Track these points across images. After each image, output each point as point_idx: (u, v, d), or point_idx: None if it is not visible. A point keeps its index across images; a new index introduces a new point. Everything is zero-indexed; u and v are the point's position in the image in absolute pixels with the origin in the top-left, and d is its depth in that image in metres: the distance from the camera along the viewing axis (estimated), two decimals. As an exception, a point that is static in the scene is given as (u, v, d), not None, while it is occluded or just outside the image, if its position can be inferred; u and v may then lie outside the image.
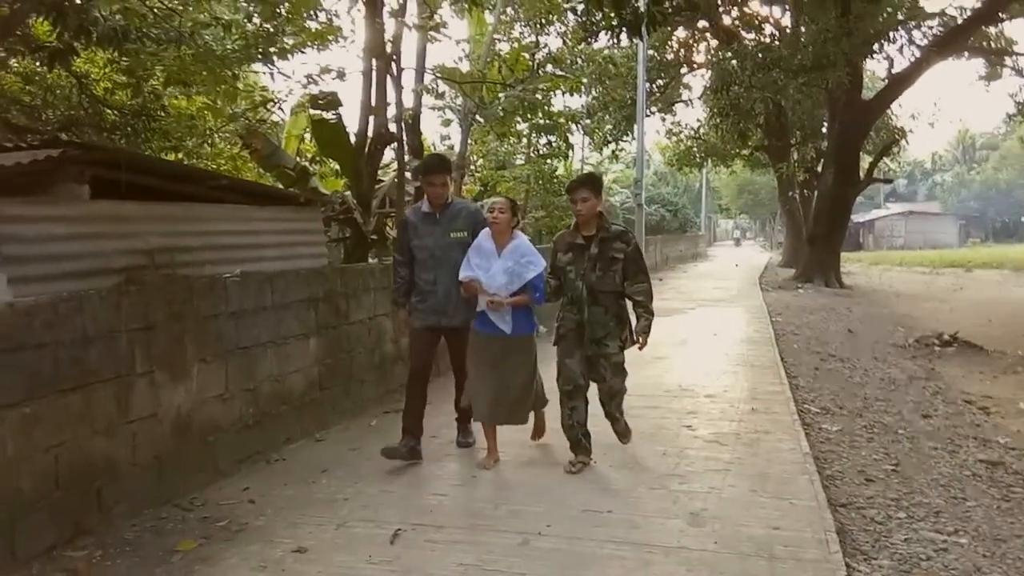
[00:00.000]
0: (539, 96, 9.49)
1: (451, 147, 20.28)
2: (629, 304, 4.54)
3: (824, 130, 23.17)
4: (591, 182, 4.54)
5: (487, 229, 4.50)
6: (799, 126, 25.29)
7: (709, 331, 10.43)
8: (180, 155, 12.58)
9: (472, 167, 16.43)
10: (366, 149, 6.97)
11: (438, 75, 10.28)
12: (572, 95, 14.12)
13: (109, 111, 15.03)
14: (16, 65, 14.10)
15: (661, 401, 6.26)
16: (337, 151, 7.47)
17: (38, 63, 12.18)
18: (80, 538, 3.45)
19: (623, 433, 4.74)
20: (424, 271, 4.72)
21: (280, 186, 7.38)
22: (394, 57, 7.22)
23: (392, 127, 7.35)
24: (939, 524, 3.81)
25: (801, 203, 27.97)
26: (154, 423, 3.92)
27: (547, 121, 10.43)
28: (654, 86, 23.80)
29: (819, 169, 22.47)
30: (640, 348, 4.47)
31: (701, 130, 27.12)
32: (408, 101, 8.73)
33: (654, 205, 41.89)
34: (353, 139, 7.10)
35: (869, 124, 19.69)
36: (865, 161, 21.19)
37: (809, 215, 22.77)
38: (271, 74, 8.12)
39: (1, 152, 4.02)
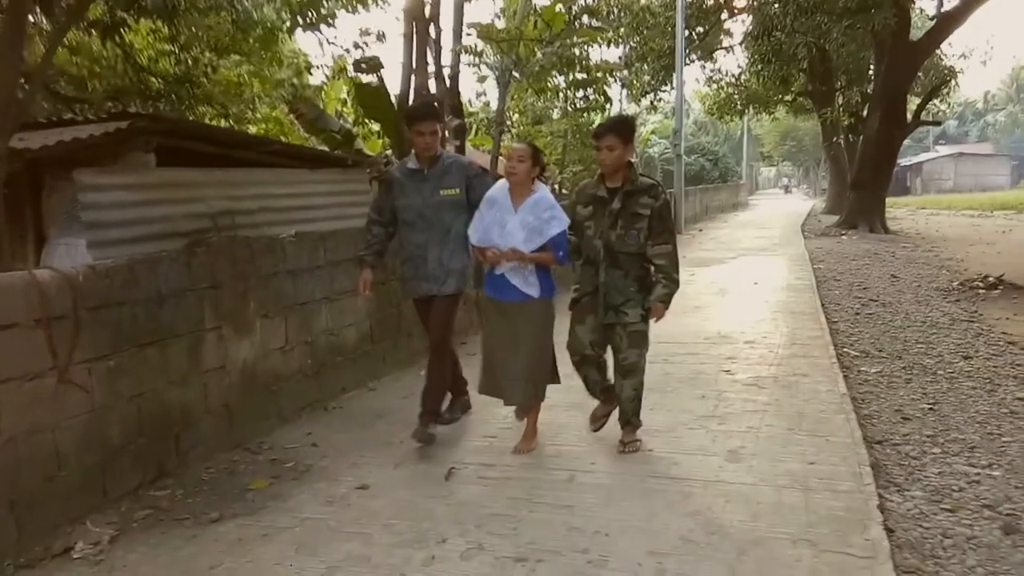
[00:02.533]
0: (576, 51, 9.45)
1: (487, 103, 20.30)
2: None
3: (870, 73, 22.53)
4: (619, 127, 3.85)
5: (503, 181, 3.98)
6: (844, 70, 24.65)
7: (749, 279, 10.47)
8: (227, 120, 12.89)
9: (509, 123, 16.43)
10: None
11: (474, 33, 10.32)
12: (609, 47, 13.98)
13: (154, 79, 15.41)
14: (64, 38, 14.46)
15: (700, 348, 6.41)
16: (380, 113, 7.63)
17: (88, 36, 12.54)
18: (162, 479, 3.78)
19: (628, 443, 4.02)
20: (413, 234, 4.25)
21: (326, 149, 7.60)
22: (433, 18, 7.29)
23: (432, 87, 7.47)
24: (973, 458, 3.92)
25: (846, 148, 27.39)
26: (223, 374, 4.22)
27: (585, 76, 10.40)
28: (693, 33, 23.33)
29: (865, 113, 21.92)
30: (656, 319, 3.91)
31: (742, 77, 26.58)
32: (446, 60, 8.82)
33: (694, 155, 41.36)
34: (395, 100, 7.24)
35: (917, 65, 19.10)
36: (913, 103, 20.59)
37: (854, 160, 22.29)
38: (321, 42, 8.25)
39: (74, 125, 4.29)
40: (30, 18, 7.30)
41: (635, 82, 23.72)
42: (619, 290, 3.88)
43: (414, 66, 7.23)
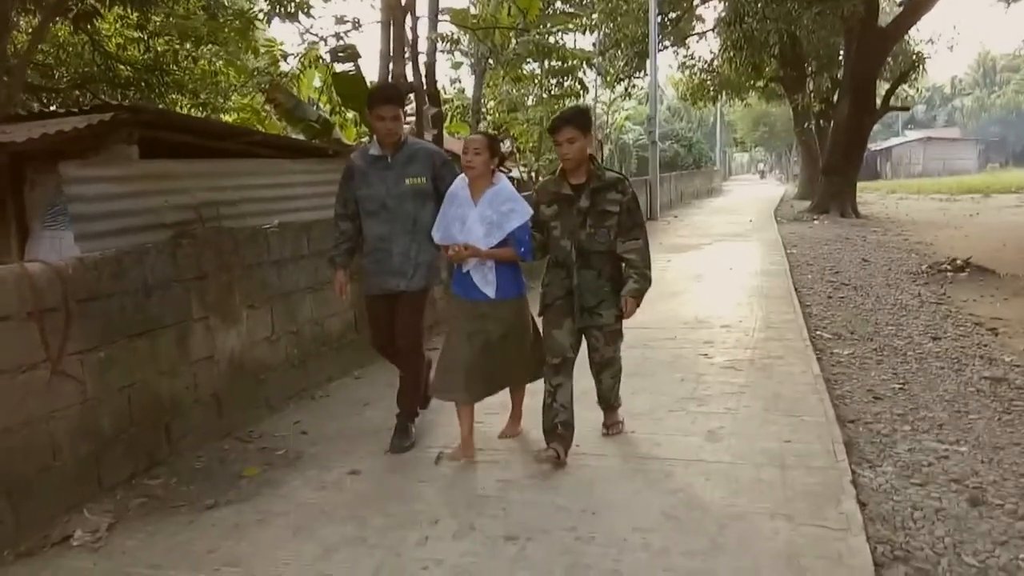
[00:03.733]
0: (551, 39, 9.51)
1: (462, 90, 20.29)
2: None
3: (840, 59, 22.83)
4: (577, 118, 3.65)
5: (463, 175, 3.77)
6: (814, 56, 24.94)
7: (725, 265, 10.65)
8: (201, 110, 12.77)
9: (484, 110, 16.45)
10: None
11: (448, 20, 10.32)
12: (584, 34, 14.05)
13: (122, 67, 15.18)
14: (25, 24, 14.25)
15: (678, 332, 6.55)
16: (357, 102, 7.63)
17: (54, 23, 12.34)
18: (154, 468, 3.83)
19: (611, 426, 4.09)
20: (376, 225, 3.97)
21: (303, 138, 7.59)
22: (409, 5, 7.31)
23: (409, 75, 7.49)
24: (942, 435, 4.09)
25: (817, 134, 27.73)
26: (211, 364, 4.26)
27: (561, 64, 10.46)
28: (666, 19, 23.44)
29: (835, 99, 22.23)
30: (627, 316, 3.74)
31: (714, 63, 26.78)
32: (423, 48, 8.83)
33: (668, 141, 41.63)
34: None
35: (886, 51, 19.42)
36: (882, 89, 20.92)
37: (825, 146, 22.61)
38: (300, 32, 8.19)
39: (55, 118, 4.28)
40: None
41: (609, 69, 23.80)
42: (593, 292, 3.72)
43: (391, 54, 7.24)
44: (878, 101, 19.55)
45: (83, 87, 14.76)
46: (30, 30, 11.46)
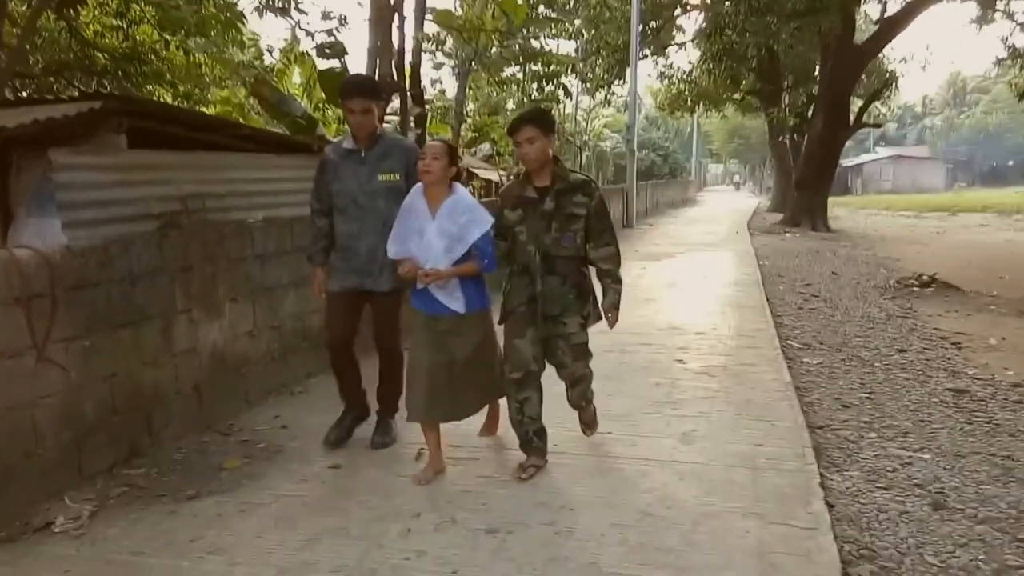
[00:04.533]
0: (535, 43, 9.63)
1: (443, 91, 20.35)
2: (592, 272, 3.71)
3: (816, 75, 23.27)
4: (537, 118, 3.51)
5: (419, 186, 3.57)
6: (791, 70, 25.40)
7: (698, 274, 10.83)
8: (183, 102, 12.67)
9: (466, 113, 16.53)
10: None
11: (434, 20, 10.38)
12: (571, 39, 14.19)
13: (99, 55, 14.98)
14: (11, 8, 14.02)
15: (653, 338, 6.67)
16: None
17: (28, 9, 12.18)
18: (135, 458, 3.84)
19: (589, 424, 4.03)
20: (345, 222, 3.87)
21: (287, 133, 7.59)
22: (398, 4, 7.36)
23: (394, 74, 7.54)
24: (906, 443, 4.24)
25: (791, 148, 28.23)
26: (193, 356, 4.28)
27: (545, 69, 10.58)
28: (647, 28, 23.71)
29: (810, 114, 22.65)
30: (611, 326, 3.63)
31: (693, 73, 27.12)
32: (409, 47, 8.88)
33: (644, 150, 42.04)
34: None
35: (860, 68, 19.84)
36: (856, 105, 21.37)
37: (799, 160, 23.01)
38: (292, 27, 8.16)
39: (43, 104, 4.27)
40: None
41: (590, 75, 24.01)
42: (556, 299, 3.56)
43: (377, 53, 7.29)
44: (852, 118, 19.97)
45: (58, 74, 14.55)
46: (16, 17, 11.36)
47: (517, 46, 9.49)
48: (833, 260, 12.89)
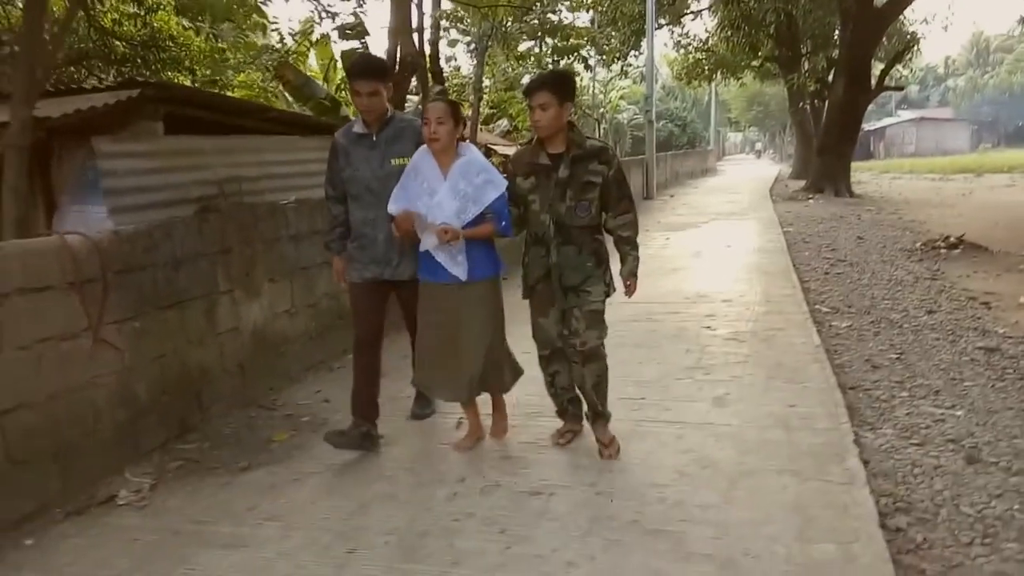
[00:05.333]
0: (553, 17, 9.61)
1: (457, 68, 20.30)
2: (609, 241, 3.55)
3: (835, 39, 22.93)
4: (554, 82, 3.33)
5: (424, 147, 3.44)
6: (810, 35, 25.01)
7: (722, 243, 10.83)
8: (215, 87, 12.79)
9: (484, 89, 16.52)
10: (399, 77, 7.24)
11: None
12: (588, 12, 14.10)
13: (118, 43, 15.15)
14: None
15: (680, 307, 6.72)
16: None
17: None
18: (187, 434, 3.99)
19: (607, 441, 3.58)
20: (360, 209, 3.71)
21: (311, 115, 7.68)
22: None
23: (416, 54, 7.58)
24: (938, 401, 4.28)
25: (812, 114, 27.92)
26: (236, 335, 4.41)
27: (564, 42, 10.55)
28: (663, -3, 23.46)
29: (830, 79, 22.35)
30: (629, 294, 3.54)
31: (710, 41, 26.81)
32: (427, 27, 8.91)
33: (662, 120, 41.68)
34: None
35: (881, 31, 19.50)
36: (877, 69, 21.05)
37: (820, 126, 22.74)
38: (318, 11, 8.20)
39: (83, 93, 4.38)
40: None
41: (606, 46, 23.84)
42: (575, 268, 3.42)
43: (399, 32, 7.33)
44: (873, 81, 19.68)
45: (78, 63, 14.72)
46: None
47: (536, 20, 9.45)
48: (858, 225, 12.80)
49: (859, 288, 7.41)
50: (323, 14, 8.31)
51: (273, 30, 10.97)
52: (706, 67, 28.44)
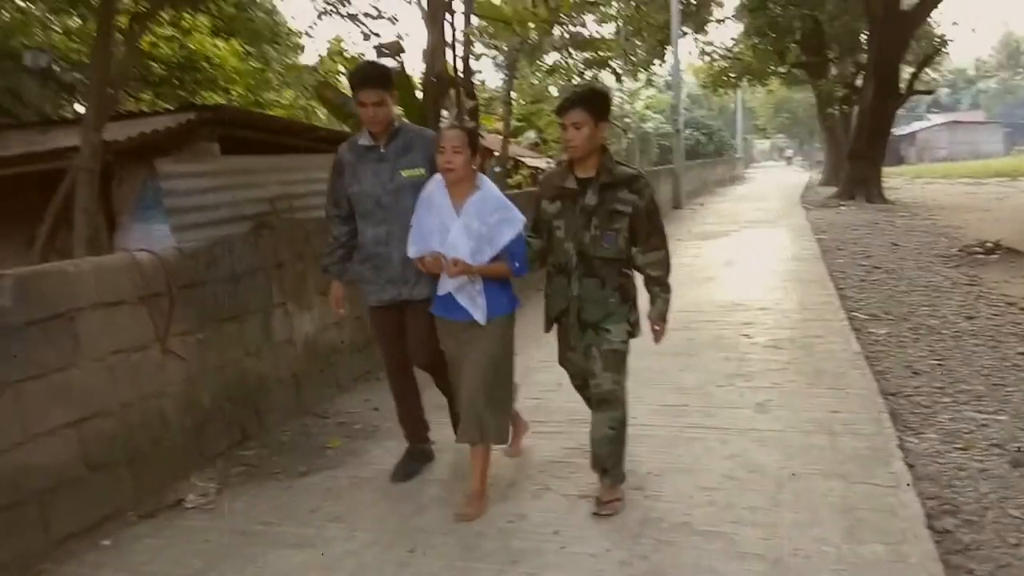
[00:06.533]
0: (584, 31, 9.75)
1: (483, 82, 20.54)
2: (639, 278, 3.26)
3: (863, 43, 22.81)
4: (589, 100, 3.08)
5: (438, 176, 3.21)
6: (837, 40, 24.88)
7: (755, 251, 10.87)
8: (258, 105, 13.15)
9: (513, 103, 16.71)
10: (434, 93, 7.41)
11: (478, 14, 10.57)
12: (614, 24, 14.24)
13: (155, 65, 15.63)
14: (54, 20, 14.68)
15: (717, 315, 6.78)
16: (402, 97, 7.92)
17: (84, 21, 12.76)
18: (247, 441, 4.16)
19: (607, 498, 3.18)
20: (371, 227, 3.47)
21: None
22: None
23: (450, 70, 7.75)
24: (981, 406, 4.30)
25: (841, 119, 27.70)
26: (290, 346, 4.58)
27: (595, 55, 10.69)
28: (688, 4, 23.50)
29: (859, 83, 22.22)
30: (657, 340, 3.25)
31: (735, 49, 26.80)
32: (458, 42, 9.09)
33: (688, 129, 41.56)
34: (419, 83, 7.54)
35: (909, 35, 19.36)
36: (906, 72, 20.90)
37: (849, 131, 22.61)
38: (366, 34, 8.40)
39: (142, 117, 4.60)
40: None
41: (632, 57, 23.95)
42: (597, 303, 3.16)
43: (434, 49, 7.50)
44: (902, 85, 19.54)
45: (118, 86, 15.22)
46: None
47: (567, 34, 9.60)
48: (892, 231, 12.73)
49: (896, 295, 7.41)
50: (365, 35, 8.54)
51: (311, 50, 11.31)
52: (732, 74, 28.43)
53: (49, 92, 11.20)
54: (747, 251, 10.94)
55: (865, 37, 21.87)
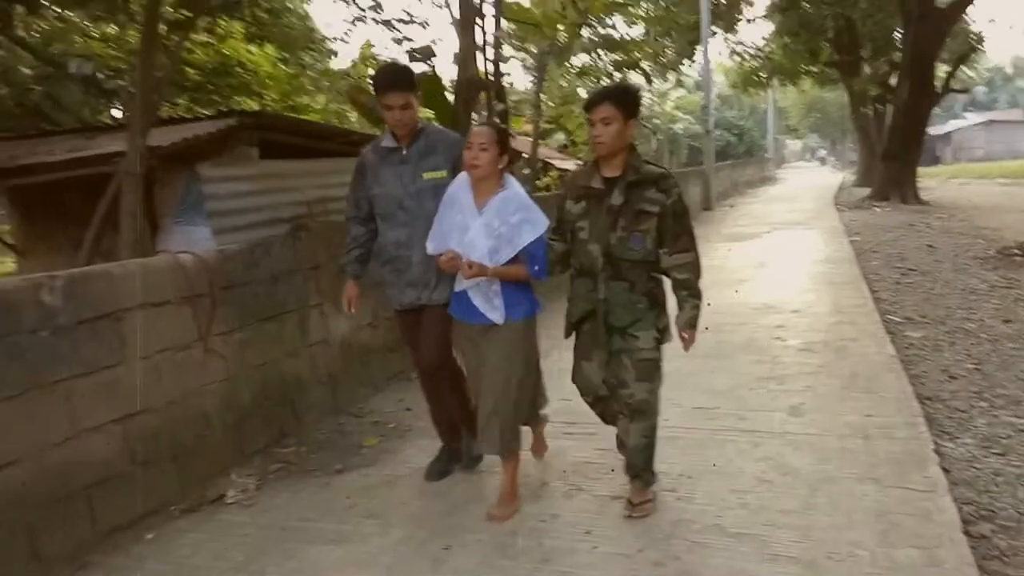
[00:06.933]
0: (615, 33, 9.77)
1: (510, 84, 20.60)
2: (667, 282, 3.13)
3: (897, 42, 22.47)
4: (619, 96, 3.02)
5: (464, 174, 3.18)
6: (870, 39, 24.55)
7: (787, 253, 10.79)
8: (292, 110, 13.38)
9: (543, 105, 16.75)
10: (465, 97, 7.49)
11: (508, 17, 10.63)
12: (637, 24, 14.23)
13: (190, 70, 15.94)
14: (91, 27, 15.02)
15: (749, 318, 6.75)
16: (434, 100, 7.99)
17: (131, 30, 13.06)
18: (284, 439, 4.25)
19: (638, 501, 3.20)
20: (392, 229, 3.45)
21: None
22: (481, 4, 7.63)
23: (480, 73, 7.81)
24: (1019, 411, 4.25)
25: (874, 119, 27.30)
26: (326, 346, 4.67)
27: (625, 56, 10.69)
28: (717, 4, 23.34)
29: (892, 83, 21.90)
30: (686, 347, 3.08)
31: (766, 48, 26.57)
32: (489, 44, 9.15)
33: (719, 129, 41.28)
34: (450, 86, 7.62)
35: (944, 33, 19.03)
36: (941, 71, 20.55)
37: (883, 131, 22.29)
38: (398, 40, 8.51)
39: (183, 123, 4.72)
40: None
41: (661, 58, 23.84)
42: (624, 307, 3.05)
43: (466, 53, 7.58)
44: (938, 84, 19.22)
45: (161, 93, 15.56)
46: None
47: (596, 36, 9.62)
48: (927, 233, 12.55)
49: (932, 298, 7.32)
50: (398, 40, 8.65)
51: (344, 55, 11.49)
52: (762, 74, 28.17)
53: (90, 98, 11.48)
54: (779, 253, 10.86)
55: (899, 35, 21.57)
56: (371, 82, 3.42)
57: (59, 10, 14.42)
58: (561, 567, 2.83)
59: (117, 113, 14.10)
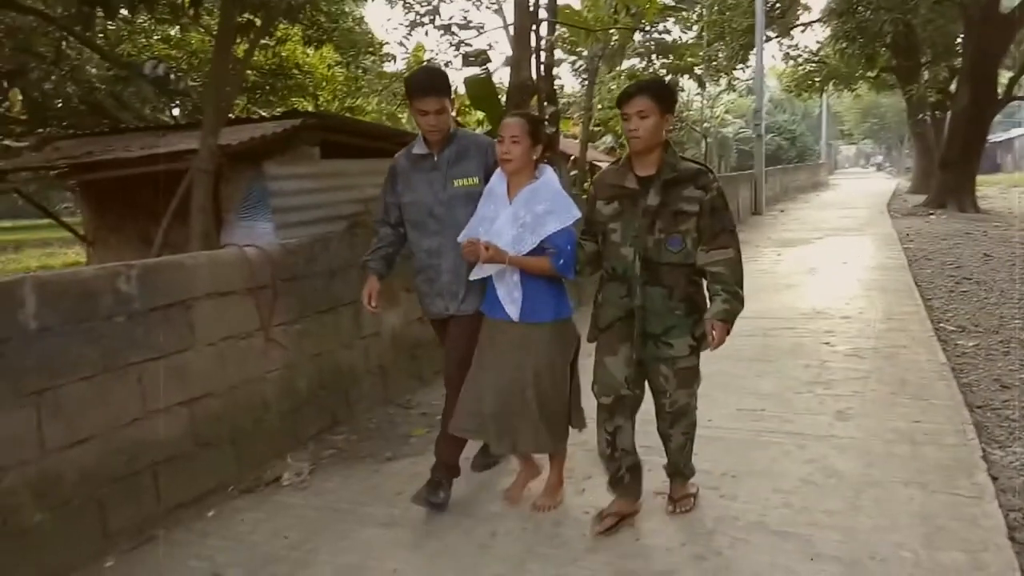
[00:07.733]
0: (668, 37, 9.78)
1: (561, 86, 20.70)
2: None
3: (958, 47, 21.89)
4: (655, 89, 2.86)
5: (502, 167, 3.11)
6: (930, 44, 23.97)
7: (839, 259, 10.63)
8: (348, 111, 13.74)
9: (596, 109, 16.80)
10: (517, 100, 7.61)
11: (560, 22, 10.71)
12: (694, 28, 14.19)
13: (248, 71, 16.43)
14: (151, 26, 15.53)
15: (797, 323, 6.72)
16: (488, 103, 8.13)
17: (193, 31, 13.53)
18: (336, 427, 4.41)
19: (679, 497, 3.25)
20: (424, 237, 3.36)
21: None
22: (535, 8, 7.74)
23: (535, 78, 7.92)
24: (1073, 423, 4.19)
25: (932, 125, 26.62)
26: (378, 339, 4.82)
27: (679, 61, 10.70)
28: (772, 8, 23.07)
29: (952, 89, 21.35)
30: (713, 346, 2.82)
31: (821, 53, 26.12)
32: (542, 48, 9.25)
33: (770, 134, 40.83)
34: (505, 90, 7.74)
35: (1009, 39, 18.50)
36: (1004, 77, 19.96)
37: (941, 138, 21.74)
38: (456, 44, 8.71)
39: (249, 123, 4.93)
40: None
41: (714, 62, 23.66)
42: (661, 314, 2.90)
43: (520, 57, 7.69)
44: (1000, 91, 18.68)
45: (232, 95, 16.08)
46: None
47: (652, 42, 9.66)
48: (984, 241, 12.23)
49: (987, 307, 7.17)
50: (455, 45, 8.83)
51: (403, 58, 11.75)
52: (816, 78, 27.71)
53: (162, 98, 11.98)
54: (830, 259, 10.71)
55: (960, 40, 21.01)
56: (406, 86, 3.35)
57: (128, 13, 15.02)
58: (605, 557, 2.91)
59: (175, 112, 14.61)
